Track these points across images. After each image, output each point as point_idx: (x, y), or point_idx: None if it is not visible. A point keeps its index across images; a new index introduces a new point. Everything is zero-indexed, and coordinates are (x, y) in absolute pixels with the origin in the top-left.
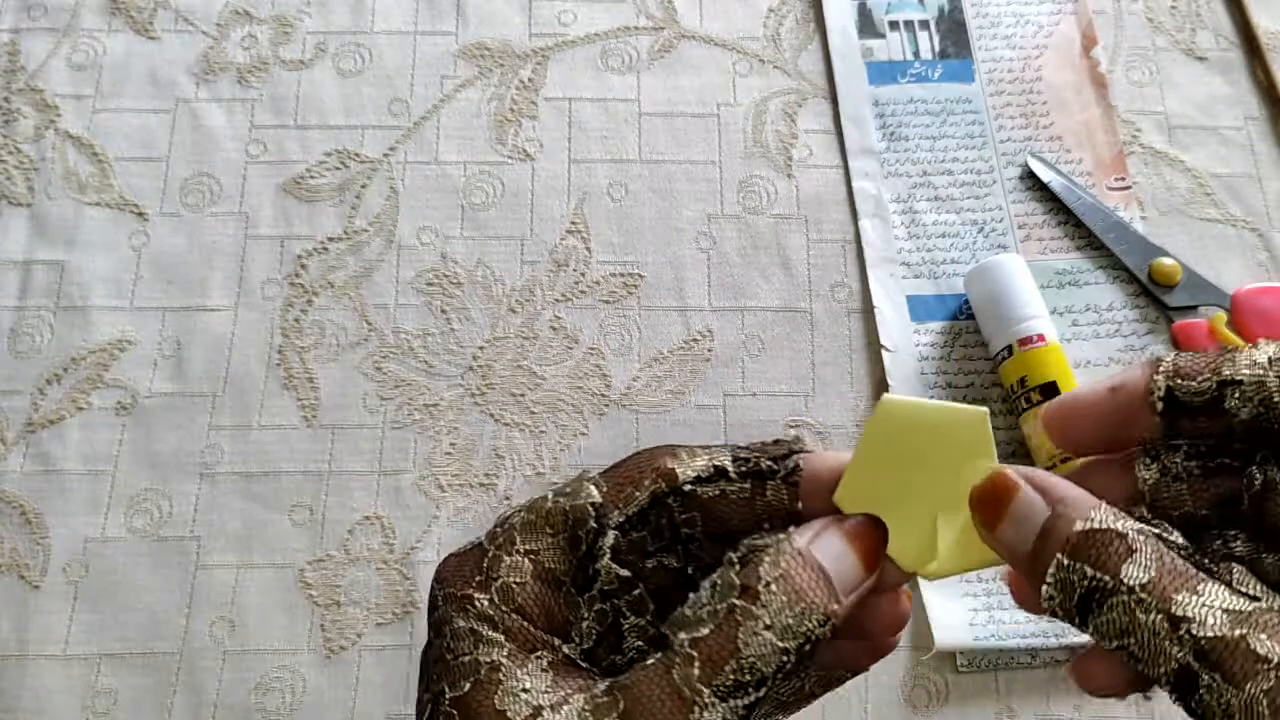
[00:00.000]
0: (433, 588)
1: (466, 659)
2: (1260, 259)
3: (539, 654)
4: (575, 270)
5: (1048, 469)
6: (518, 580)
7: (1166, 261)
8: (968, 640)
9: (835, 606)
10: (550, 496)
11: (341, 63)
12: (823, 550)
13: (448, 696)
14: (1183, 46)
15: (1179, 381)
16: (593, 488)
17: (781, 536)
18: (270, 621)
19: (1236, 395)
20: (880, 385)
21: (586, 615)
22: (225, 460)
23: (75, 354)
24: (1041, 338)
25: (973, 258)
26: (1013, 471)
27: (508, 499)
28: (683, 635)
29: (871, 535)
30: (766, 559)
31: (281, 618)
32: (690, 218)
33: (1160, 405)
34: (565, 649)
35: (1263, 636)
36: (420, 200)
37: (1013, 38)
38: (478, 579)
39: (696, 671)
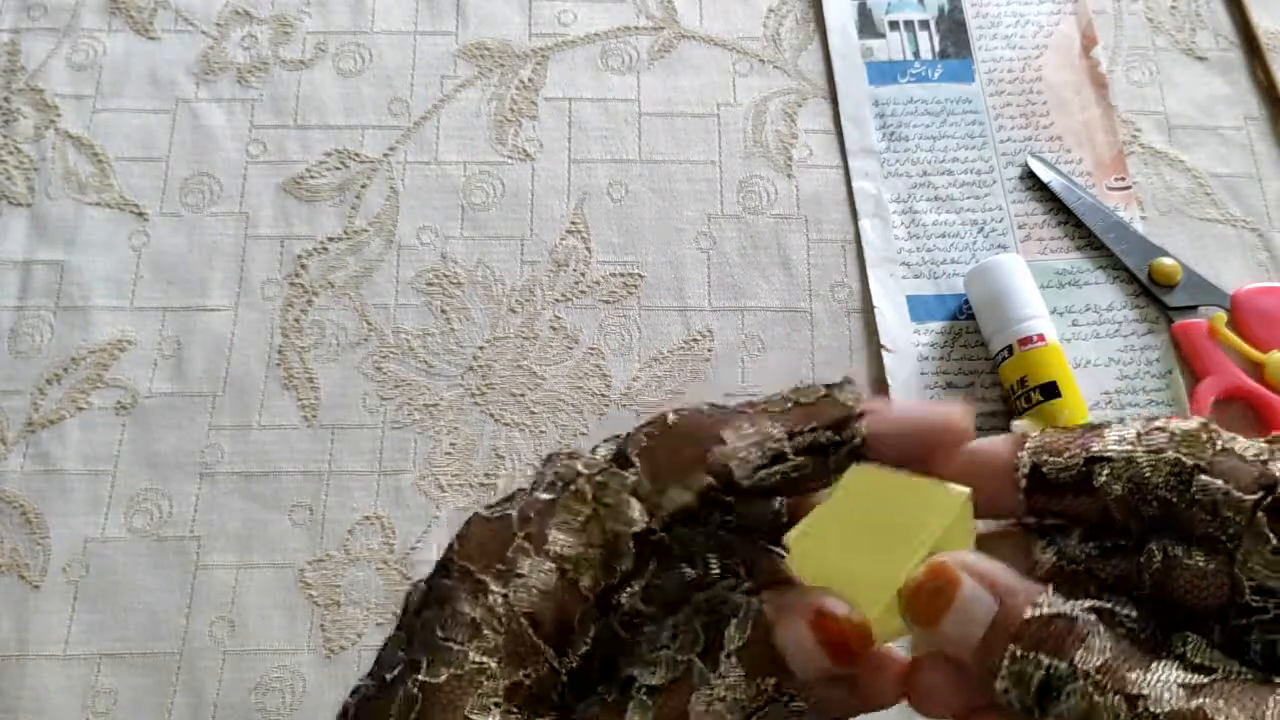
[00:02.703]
0: (452, 543)
1: (455, 648)
2: (1260, 259)
3: (527, 671)
4: (575, 270)
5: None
6: (540, 587)
7: (1166, 261)
8: None
9: (790, 686)
10: (588, 489)
11: (341, 63)
12: (786, 637)
13: (421, 675)
14: (1183, 46)
15: (1046, 458)
16: (635, 504)
17: (752, 601)
18: (270, 621)
19: (1106, 472)
20: (880, 385)
21: (590, 634)
22: (225, 460)
23: (75, 354)
24: (1041, 338)
25: (973, 258)
26: (953, 564)
27: None
28: (639, 679)
29: (842, 628)
30: (734, 623)
31: (281, 618)
32: (690, 218)
33: (1024, 483)
34: (555, 663)
35: (1220, 704)
36: (420, 200)
37: (1013, 38)
38: (498, 567)
39: None
